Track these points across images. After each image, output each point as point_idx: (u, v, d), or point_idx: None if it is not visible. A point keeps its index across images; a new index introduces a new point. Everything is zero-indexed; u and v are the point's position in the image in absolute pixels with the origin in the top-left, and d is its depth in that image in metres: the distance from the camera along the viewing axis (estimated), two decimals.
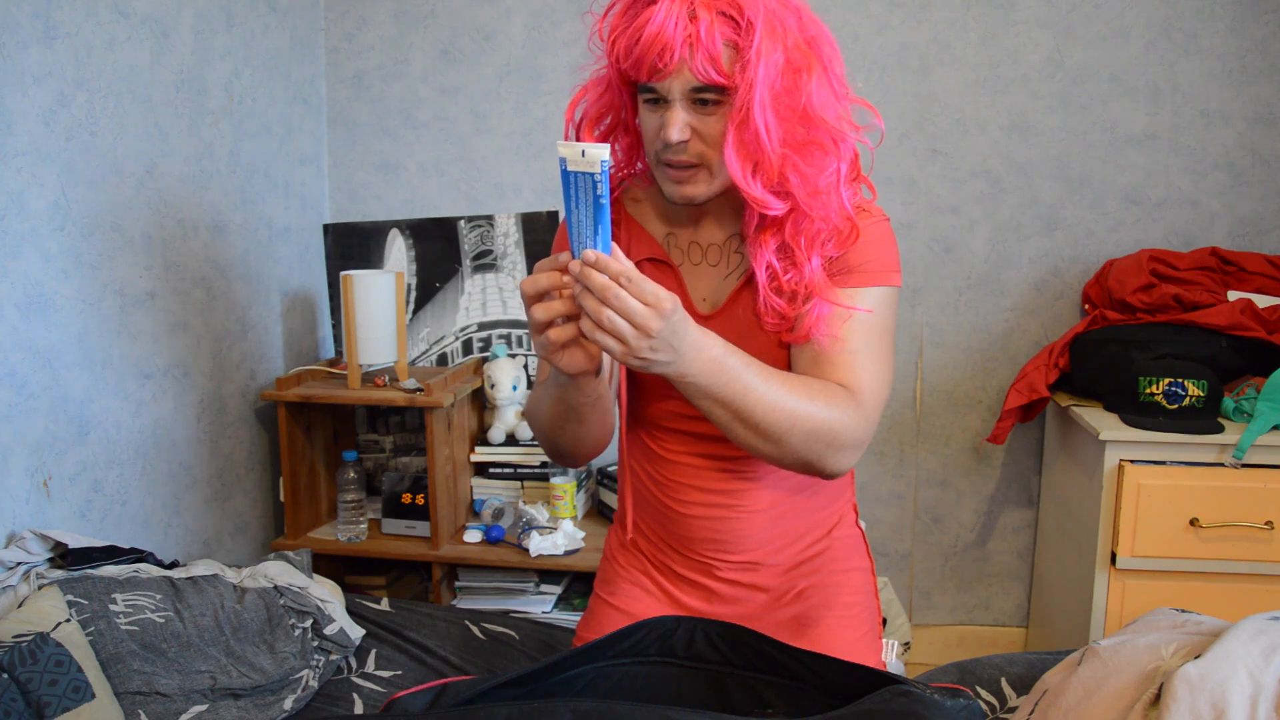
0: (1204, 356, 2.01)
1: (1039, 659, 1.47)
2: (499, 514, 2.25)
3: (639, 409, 1.28)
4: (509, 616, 1.81)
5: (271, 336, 2.31)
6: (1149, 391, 1.95)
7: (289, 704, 1.48)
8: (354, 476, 2.20)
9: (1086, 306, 2.30)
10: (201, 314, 2.03)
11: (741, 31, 1.00)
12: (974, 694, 1.17)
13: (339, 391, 2.15)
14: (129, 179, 1.80)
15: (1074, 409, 2.09)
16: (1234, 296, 2.09)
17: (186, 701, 1.40)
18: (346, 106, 2.52)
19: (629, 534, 1.35)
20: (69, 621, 1.35)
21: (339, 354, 2.38)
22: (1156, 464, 1.91)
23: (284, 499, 2.21)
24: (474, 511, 2.34)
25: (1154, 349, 2.03)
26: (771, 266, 1.11)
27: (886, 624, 1.97)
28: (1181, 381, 1.93)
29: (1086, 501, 2.04)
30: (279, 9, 2.29)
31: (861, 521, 1.38)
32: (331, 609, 1.58)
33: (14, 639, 1.28)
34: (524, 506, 2.25)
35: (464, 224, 2.41)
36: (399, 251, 2.42)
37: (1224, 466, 1.89)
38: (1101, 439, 1.92)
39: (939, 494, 2.51)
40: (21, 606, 1.37)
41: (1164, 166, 2.30)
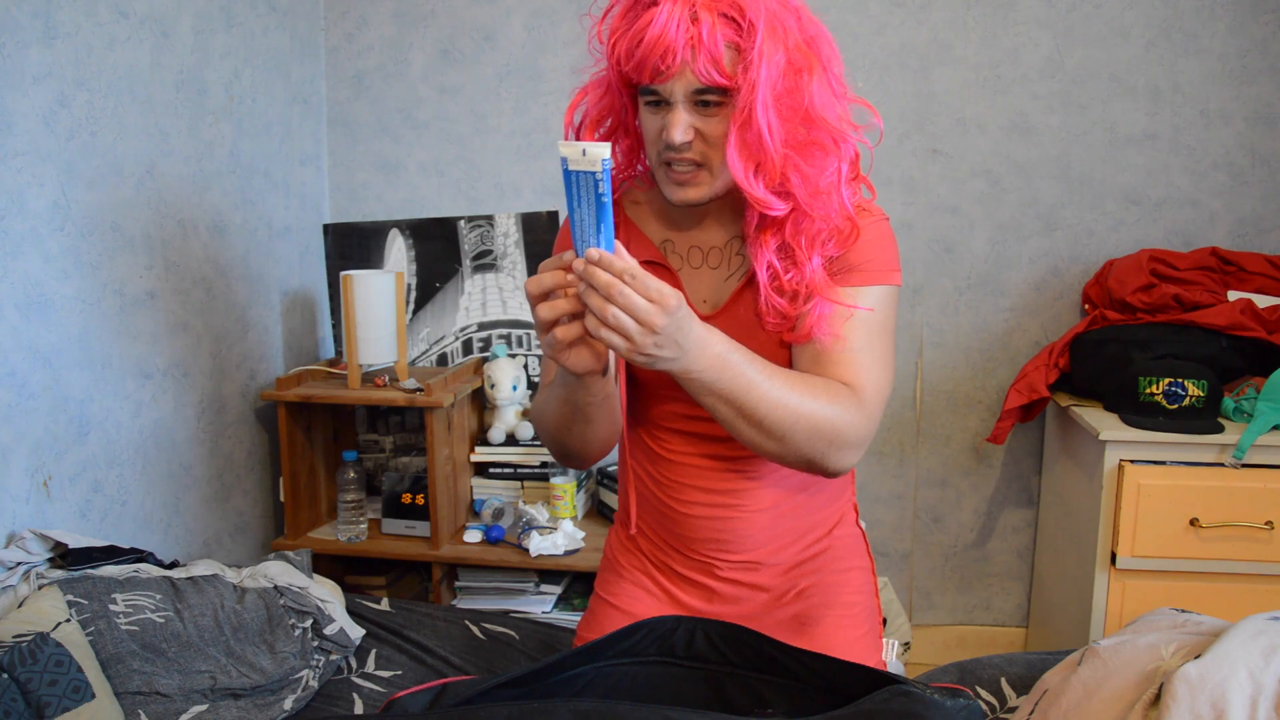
0: (1204, 356, 2.01)
1: (1039, 659, 1.47)
2: (499, 514, 2.25)
3: (640, 409, 1.28)
4: (509, 616, 1.81)
5: (271, 336, 2.31)
6: (1149, 391, 1.95)
7: (289, 704, 1.48)
8: (354, 476, 2.21)
9: (1086, 306, 2.30)
10: (201, 314, 2.03)
11: (743, 33, 1.00)
12: (974, 694, 1.17)
13: (339, 391, 2.15)
14: (129, 179, 1.80)
15: (1074, 409, 2.09)
16: (1234, 296, 2.09)
17: (186, 701, 1.40)
18: (346, 106, 2.52)
19: (632, 529, 1.35)
20: (69, 621, 1.35)
21: (339, 354, 2.38)
22: (1156, 464, 1.91)
23: (284, 499, 2.21)
24: (474, 511, 2.34)
25: (1154, 349, 2.03)
26: (772, 266, 1.11)
27: (886, 624, 1.97)
28: (1181, 381, 1.93)
29: (1086, 501, 2.04)
30: (279, 9, 2.29)
31: (862, 521, 1.38)
32: (331, 609, 1.58)
33: (14, 639, 1.28)
34: (524, 506, 2.25)
35: (464, 224, 2.41)
36: (399, 251, 2.42)
37: (1224, 466, 1.89)
38: (1101, 439, 1.92)
39: (939, 494, 2.51)
40: (21, 606, 1.37)
41: (1164, 166, 2.30)
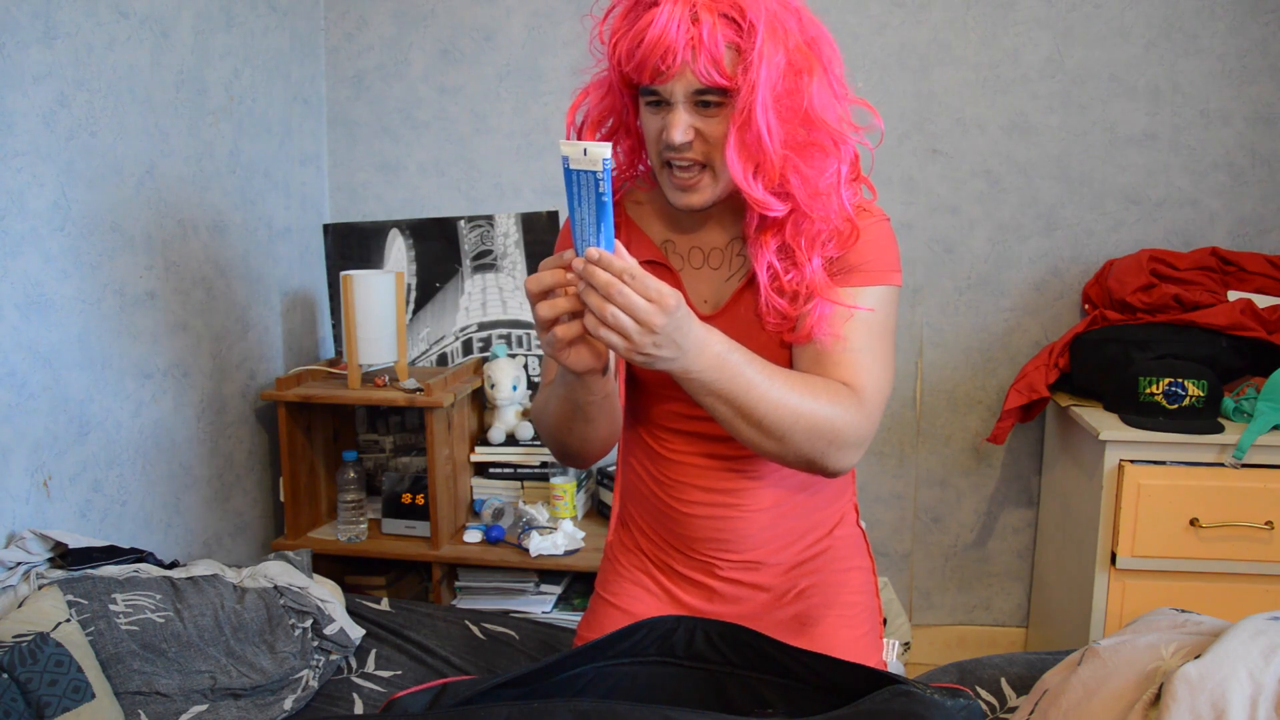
0: (1204, 356, 2.01)
1: (1039, 659, 1.47)
2: (499, 514, 2.25)
3: (641, 409, 1.28)
4: (509, 616, 1.81)
5: (271, 336, 2.31)
6: (1149, 391, 1.95)
7: (289, 704, 1.48)
8: (354, 476, 2.20)
9: (1086, 306, 2.30)
10: (201, 314, 2.03)
11: (743, 34, 1.00)
12: (974, 694, 1.17)
13: (339, 391, 2.15)
14: (129, 179, 1.80)
15: (1074, 409, 2.09)
16: (1234, 296, 2.08)
17: (186, 701, 1.40)
18: (346, 106, 2.52)
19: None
20: (69, 621, 1.35)
21: (339, 354, 2.38)
22: (1156, 464, 1.91)
23: (284, 499, 2.21)
24: (474, 511, 2.34)
25: (1154, 349, 2.03)
26: (773, 267, 1.11)
27: (886, 624, 1.97)
28: (1181, 381, 1.93)
29: (1086, 501, 2.04)
30: (279, 9, 2.29)
31: (862, 521, 1.39)
32: (331, 609, 1.58)
33: (14, 639, 1.28)
34: (524, 506, 2.25)
35: (464, 224, 2.40)
36: (399, 251, 2.42)
37: (1224, 466, 1.89)
38: (1101, 439, 1.92)
39: (939, 494, 2.51)
40: (21, 606, 1.37)
41: (1164, 166, 2.30)
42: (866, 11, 2.33)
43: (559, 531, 2.15)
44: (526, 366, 2.40)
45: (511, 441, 2.33)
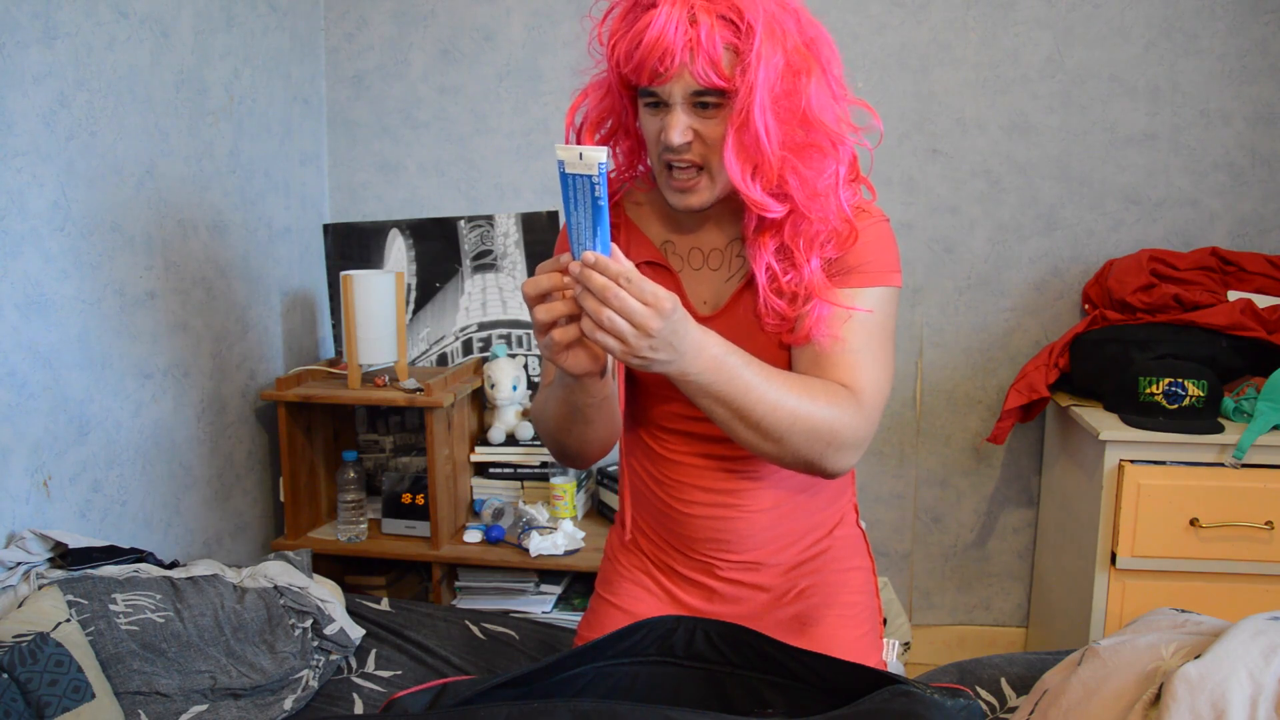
0: (1204, 356, 2.01)
1: (1039, 659, 1.47)
2: (499, 514, 2.25)
3: (640, 409, 1.28)
4: (509, 616, 1.81)
5: (271, 336, 2.31)
6: (1149, 391, 1.95)
7: (289, 704, 1.48)
8: (354, 476, 2.21)
9: (1086, 306, 2.30)
10: (201, 314, 2.03)
11: (741, 35, 1.00)
12: (974, 694, 1.17)
13: (339, 391, 2.15)
14: (129, 179, 1.80)
15: (1074, 409, 2.09)
16: (1234, 296, 2.09)
17: (186, 701, 1.40)
18: (346, 106, 2.52)
19: (627, 536, 1.35)
20: (69, 621, 1.35)
21: (339, 354, 2.38)
22: (1156, 464, 1.91)
23: (284, 499, 2.21)
24: (474, 511, 2.34)
25: (1154, 349, 2.03)
26: (771, 268, 1.11)
27: (886, 624, 1.97)
28: (1181, 381, 1.93)
29: (1086, 501, 2.04)
30: (279, 9, 2.29)
31: (862, 521, 1.39)
32: (331, 609, 1.58)
33: (14, 639, 1.28)
34: (524, 506, 2.25)
35: (464, 224, 2.40)
36: (399, 251, 2.42)
37: (1224, 466, 1.89)
38: (1101, 439, 1.92)
39: (939, 494, 2.51)
40: (21, 606, 1.37)
41: (1164, 166, 2.30)
42: (866, 12, 2.33)
43: (559, 531, 2.15)
44: (526, 366, 2.40)
45: (511, 441, 2.33)
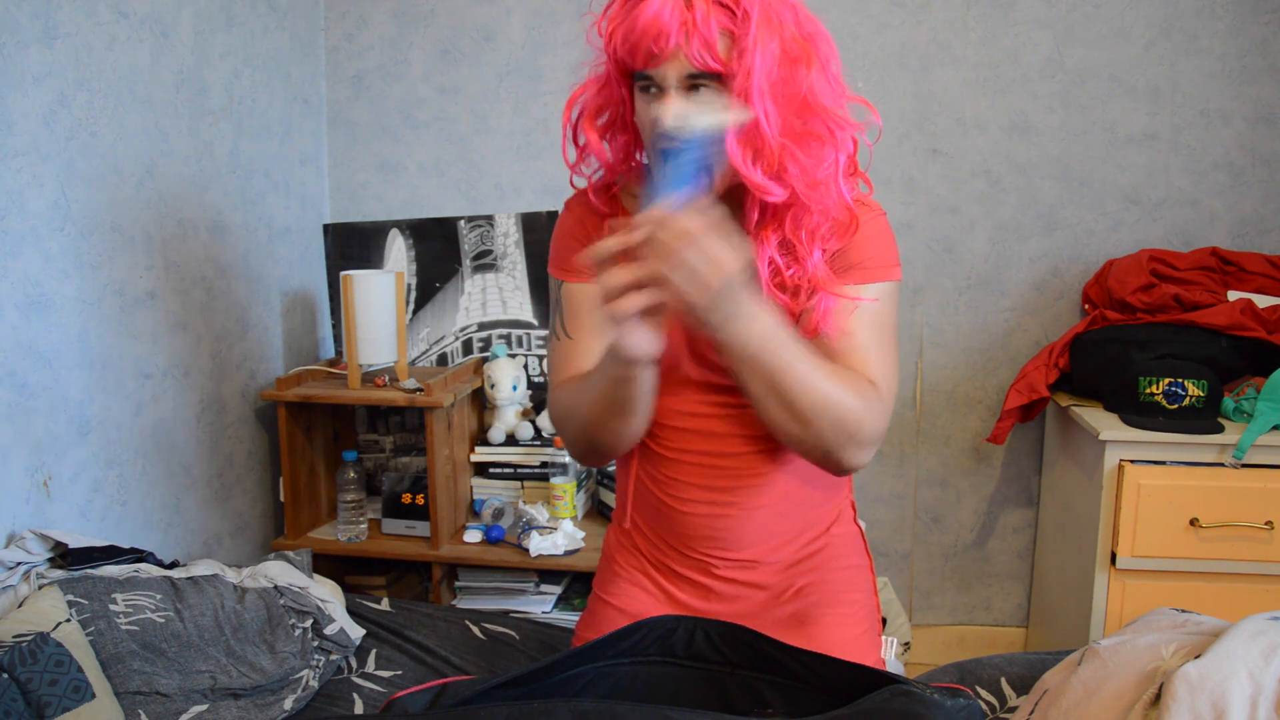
0: (1204, 356, 2.01)
1: (1039, 659, 1.47)
2: (499, 514, 2.25)
3: None
4: (509, 616, 1.81)
5: (271, 336, 2.31)
6: (1149, 391, 1.95)
7: (289, 704, 1.48)
8: (354, 476, 2.20)
9: (1086, 306, 2.30)
10: (201, 314, 2.03)
11: (737, 21, 1.01)
12: (974, 694, 1.17)
13: (339, 391, 2.15)
14: (129, 179, 1.80)
15: (1074, 409, 2.09)
16: (1234, 296, 2.09)
17: (186, 701, 1.40)
18: (346, 106, 2.52)
19: (626, 523, 1.35)
20: (69, 621, 1.35)
21: (339, 354, 2.38)
22: (1156, 464, 1.91)
23: (284, 499, 2.21)
24: (474, 511, 2.34)
25: (1154, 349, 2.03)
26: (774, 262, 1.12)
27: (886, 624, 1.97)
28: (1181, 381, 1.93)
29: (1086, 501, 2.04)
30: (279, 9, 2.29)
31: (860, 520, 1.39)
32: (332, 609, 1.58)
33: (14, 639, 1.28)
34: (524, 506, 2.25)
35: (464, 224, 2.40)
36: (399, 251, 2.42)
37: (1224, 466, 1.89)
38: (1101, 439, 1.92)
39: (939, 494, 2.51)
40: (21, 606, 1.37)
41: (1164, 166, 2.30)
42: (866, 11, 2.33)
43: (559, 531, 2.15)
44: (526, 366, 2.40)
45: (511, 441, 2.33)
